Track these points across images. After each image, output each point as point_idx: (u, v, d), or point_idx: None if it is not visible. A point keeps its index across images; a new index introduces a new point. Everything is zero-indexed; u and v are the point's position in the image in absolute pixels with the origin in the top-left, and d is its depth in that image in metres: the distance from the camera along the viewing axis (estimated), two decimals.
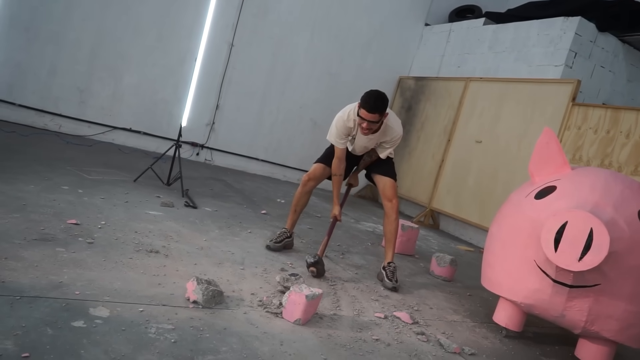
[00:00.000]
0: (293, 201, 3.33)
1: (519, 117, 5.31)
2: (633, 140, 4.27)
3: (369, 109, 2.80)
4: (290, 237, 3.33)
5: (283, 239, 3.26)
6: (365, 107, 2.81)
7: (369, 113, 2.80)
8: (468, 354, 2.34)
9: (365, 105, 2.81)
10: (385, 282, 3.05)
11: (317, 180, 3.27)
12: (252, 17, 6.28)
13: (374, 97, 2.82)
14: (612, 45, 5.47)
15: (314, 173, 3.25)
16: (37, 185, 3.21)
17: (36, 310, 1.70)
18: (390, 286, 3.02)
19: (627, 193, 2.35)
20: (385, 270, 3.10)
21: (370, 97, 2.82)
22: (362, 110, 2.82)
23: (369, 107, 2.80)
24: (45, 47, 5.34)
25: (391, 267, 3.11)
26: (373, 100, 2.81)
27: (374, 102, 2.81)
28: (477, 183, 5.63)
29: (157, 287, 2.15)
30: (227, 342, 1.84)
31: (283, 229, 3.33)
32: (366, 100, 2.82)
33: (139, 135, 5.95)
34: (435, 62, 7.03)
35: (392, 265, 3.13)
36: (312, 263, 2.84)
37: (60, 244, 2.34)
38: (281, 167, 6.91)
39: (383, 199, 3.23)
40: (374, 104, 2.80)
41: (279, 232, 3.32)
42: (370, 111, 2.80)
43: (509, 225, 2.64)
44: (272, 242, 3.22)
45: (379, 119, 2.85)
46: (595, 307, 2.27)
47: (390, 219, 3.17)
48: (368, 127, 2.86)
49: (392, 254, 3.17)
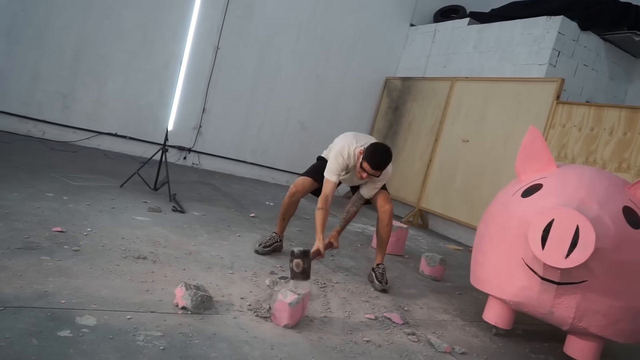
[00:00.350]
0: (281, 210, 3.29)
1: (505, 116, 5.36)
2: (616, 137, 4.33)
3: (375, 166, 2.80)
4: (280, 242, 3.31)
5: (272, 244, 3.24)
6: (371, 163, 2.79)
7: (372, 169, 2.80)
8: (458, 353, 2.35)
9: (371, 162, 2.79)
10: (375, 284, 3.05)
11: (304, 193, 3.24)
12: (237, 20, 6.26)
13: (380, 154, 2.80)
14: (594, 43, 5.55)
15: (302, 185, 3.20)
16: (20, 192, 3.16)
17: (21, 320, 1.66)
18: (379, 288, 3.02)
19: (612, 190, 2.38)
20: (375, 272, 3.10)
21: (376, 153, 2.80)
22: (366, 164, 2.80)
23: (375, 165, 2.80)
24: (27, 53, 5.26)
25: (380, 269, 3.11)
26: (379, 158, 2.80)
27: (380, 160, 2.80)
28: (465, 182, 5.67)
29: (145, 294, 2.13)
30: (217, 347, 1.82)
31: (273, 234, 3.32)
32: (372, 157, 2.79)
33: (124, 140, 5.89)
34: (421, 63, 7.07)
35: (382, 266, 3.13)
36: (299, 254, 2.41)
37: (45, 252, 2.30)
38: (269, 169, 6.89)
39: (375, 204, 3.19)
40: (380, 162, 2.80)
41: (268, 237, 3.30)
42: (375, 168, 2.80)
43: (496, 224, 2.66)
44: (260, 247, 3.19)
45: (380, 174, 2.87)
46: (583, 304, 2.29)
47: (384, 223, 3.13)
48: (368, 177, 2.89)
49: (382, 257, 3.17)
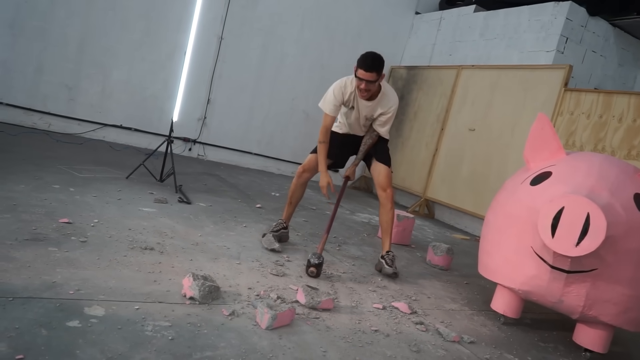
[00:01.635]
0: (289, 193, 3.32)
1: (512, 103, 5.30)
2: (626, 124, 4.28)
3: (367, 68, 2.85)
4: (286, 229, 3.31)
5: (279, 229, 3.24)
6: (363, 66, 2.86)
7: (366, 72, 2.86)
8: (467, 342, 2.34)
9: (363, 65, 2.86)
10: (386, 269, 3.04)
11: (312, 172, 3.25)
12: (241, 9, 6.22)
13: (370, 56, 2.88)
14: (602, 29, 5.46)
15: (309, 164, 3.23)
16: (27, 184, 3.16)
17: (30, 311, 1.67)
18: (390, 272, 3.01)
19: (623, 177, 2.35)
20: (385, 258, 3.10)
21: (367, 57, 2.88)
22: (360, 70, 2.88)
23: (367, 66, 2.85)
24: (31, 45, 5.25)
25: (390, 255, 3.11)
26: (370, 60, 2.86)
27: (371, 61, 2.86)
28: (471, 171, 5.63)
29: (153, 284, 2.13)
30: (225, 337, 1.82)
31: (279, 220, 3.33)
32: (363, 61, 2.87)
33: (130, 132, 5.89)
34: (427, 51, 7.00)
35: (391, 253, 3.13)
36: (316, 264, 2.71)
37: (52, 243, 2.30)
38: (275, 160, 6.88)
39: (377, 188, 3.21)
40: (371, 62, 2.86)
41: (275, 223, 3.32)
42: (367, 70, 2.85)
43: (505, 213, 2.63)
44: (269, 232, 3.19)
45: (376, 78, 2.90)
46: (593, 292, 2.27)
47: (386, 208, 3.16)
48: (366, 87, 2.91)
49: (389, 243, 3.17)
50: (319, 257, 2.75)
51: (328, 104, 3.09)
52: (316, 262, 2.73)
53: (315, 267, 2.72)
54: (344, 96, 3.07)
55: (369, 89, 2.94)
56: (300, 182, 3.26)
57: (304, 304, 2.27)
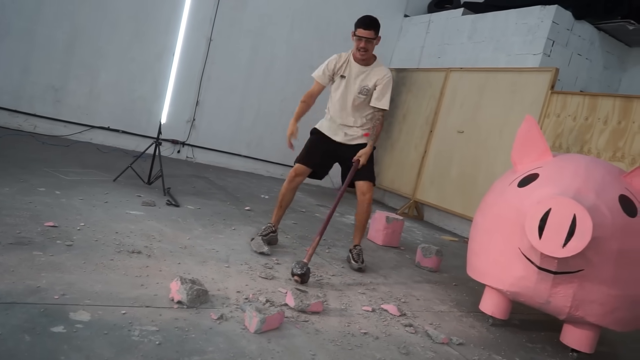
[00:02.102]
0: (279, 196, 3.31)
1: (500, 106, 5.34)
2: (611, 126, 4.33)
3: (365, 25, 3.04)
4: (275, 232, 3.30)
5: (268, 233, 3.23)
6: (362, 25, 3.05)
7: (364, 30, 3.04)
8: (456, 343, 2.35)
9: (362, 24, 3.06)
10: (352, 264, 3.20)
11: (304, 176, 3.28)
12: (230, 10, 6.19)
13: (368, 16, 3.09)
14: (588, 33, 5.53)
15: (299, 169, 3.25)
16: (11, 187, 3.11)
17: (13, 316, 1.64)
18: (356, 267, 3.18)
19: (608, 178, 2.37)
20: (352, 252, 3.25)
21: (365, 17, 3.09)
22: (359, 29, 3.06)
23: (365, 25, 3.04)
24: (17, 45, 5.18)
25: (357, 250, 3.26)
26: (369, 19, 3.07)
27: (369, 20, 3.06)
28: (460, 173, 5.66)
29: (140, 289, 2.10)
30: (213, 341, 1.80)
31: (268, 224, 3.31)
32: (361, 20, 3.08)
33: (117, 134, 5.84)
34: (416, 53, 7.04)
35: (358, 247, 3.27)
36: (299, 274, 2.64)
37: (37, 247, 2.27)
38: (264, 162, 6.86)
39: (358, 192, 3.26)
40: (369, 21, 3.06)
41: (264, 227, 3.31)
42: (366, 28, 3.04)
43: (493, 214, 2.65)
44: (257, 236, 3.21)
45: (374, 36, 3.06)
46: (580, 293, 2.29)
47: (363, 208, 3.25)
48: (365, 45, 3.06)
49: (359, 238, 3.31)
50: (302, 267, 2.66)
51: (318, 71, 3.29)
52: (299, 272, 2.64)
53: (299, 276, 2.64)
54: (336, 65, 3.22)
55: (367, 48, 3.08)
56: (292, 186, 3.27)
57: (293, 307, 2.26)
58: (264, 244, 3.09)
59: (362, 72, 3.17)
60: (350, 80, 3.19)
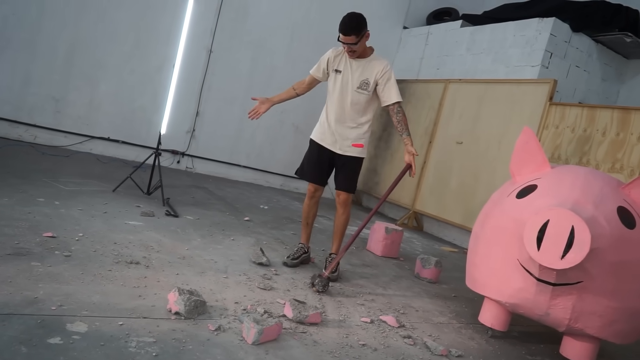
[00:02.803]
0: (303, 215, 3.28)
1: (498, 117, 5.37)
2: (609, 138, 4.34)
3: (344, 31, 2.89)
4: (307, 252, 3.28)
5: (300, 255, 3.20)
6: (341, 31, 2.90)
7: (344, 36, 2.89)
8: (455, 355, 2.33)
9: (341, 29, 2.90)
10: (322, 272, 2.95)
11: (322, 190, 3.27)
12: (230, 22, 6.24)
13: (347, 20, 2.89)
14: (586, 45, 5.57)
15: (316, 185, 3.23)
16: (11, 198, 3.12)
17: (9, 328, 1.63)
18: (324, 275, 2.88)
19: (607, 190, 2.38)
20: (327, 260, 3.19)
21: (343, 20, 2.90)
22: (340, 35, 2.91)
23: (344, 31, 2.89)
24: (18, 56, 5.22)
25: (330, 258, 3.19)
26: (347, 24, 2.87)
27: (348, 26, 2.87)
28: (459, 184, 5.66)
29: (138, 299, 2.10)
30: (210, 353, 1.79)
31: (300, 245, 3.29)
32: (341, 26, 2.90)
33: (117, 144, 5.85)
34: (415, 65, 7.08)
35: (332, 255, 3.20)
36: (320, 291, 2.77)
37: (35, 258, 2.27)
38: (264, 173, 6.87)
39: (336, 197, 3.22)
40: (347, 27, 2.87)
41: (296, 249, 3.26)
42: (345, 34, 2.88)
43: (491, 225, 2.65)
44: (289, 259, 3.14)
45: (356, 41, 2.91)
46: (579, 305, 2.28)
47: (338, 212, 3.21)
48: (349, 49, 2.96)
49: (336, 246, 3.23)
50: (324, 286, 2.79)
51: (315, 65, 3.23)
52: (320, 289, 2.77)
53: (319, 292, 2.78)
54: (330, 58, 3.13)
55: (354, 49, 2.97)
56: (314, 201, 3.25)
57: (291, 319, 2.25)
58: (263, 254, 3.08)
59: (359, 65, 3.05)
60: (346, 76, 3.06)
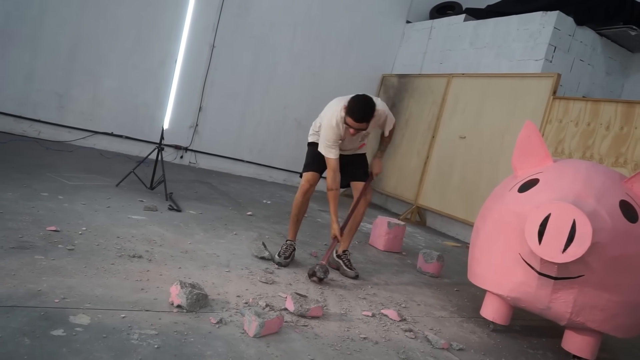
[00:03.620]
0: (293, 211, 3.17)
1: (502, 111, 5.35)
2: (613, 132, 4.33)
3: (357, 119, 2.76)
4: (295, 249, 3.18)
5: (291, 253, 3.10)
6: (353, 116, 2.76)
7: (356, 122, 2.77)
8: (456, 349, 2.34)
9: (353, 115, 2.75)
10: (347, 272, 3.12)
11: (316, 183, 3.19)
12: (232, 17, 6.24)
13: (361, 105, 2.76)
14: (590, 38, 5.53)
15: (313, 179, 3.13)
16: (15, 192, 3.14)
17: (13, 320, 1.65)
18: (353, 275, 3.10)
19: (609, 184, 2.37)
20: (342, 259, 3.18)
21: (357, 105, 2.76)
22: (349, 119, 2.77)
23: (357, 118, 2.76)
24: (21, 52, 5.23)
25: (347, 255, 3.20)
26: (362, 110, 2.75)
27: (362, 112, 2.75)
28: (462, 179, 5.66)
29: (140, 293, 2.11)
30: (212, 345, 1.81)
31: (288, 242, 3.16)
32: (353, 110, 2.75)
33: (120, 140, 5.87)
34: (418, 59, 7.06)
35: (348, 253, 3.23)
36: (321, 278, 2.82)
37: (39, 251, 2.29)
38: (267, 168, 6.88)
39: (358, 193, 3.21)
40: (362, 114, 2.75)
41: (284, 247, 3.11)
42: (358, 121, 2.77)
43: (493, 220, 2.65)
44: (282, 259, 3.02)
45: (366, 127, 2.83)
46: (580, 298, 2.28)
47: (359, 211, 3.20)
48: (355, 132, 2.85)
49: (349, 243, 3.27)
50: (325, 272, 2.83)
51: (330, 150, 2.94)
52: (322, 276, 2.82)
53: (320, 280, 2.83)
54: (338, 137, 2.93)
55: (359, 132, 2.87)
56: (306, 198, 3.16)
57: (292, 312, 2.26)
58: (265, 248, 3.07)
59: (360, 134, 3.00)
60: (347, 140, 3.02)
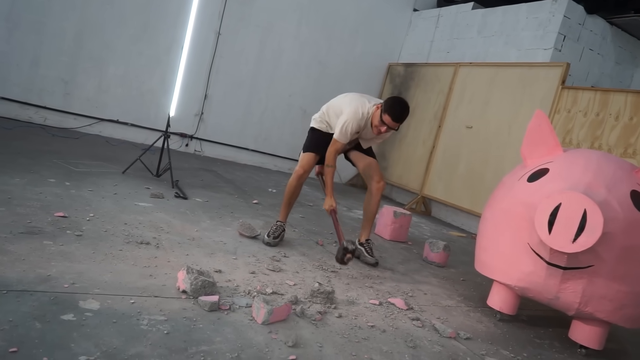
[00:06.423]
0: (286, 194, 3.23)
1: (509, 101, 5.30)
2: (622, 122, 4.28)
3: (396, 119, 2.87)
4: (285, 230, 3.26)
5: (280, 233, 3.15)
6: (393, 116, 2.86)
7: (394, 122, 2.88)
8: (463, 338, 2.34)
9: (393, 114, 2.86)
10: (368, 258, 3.19)
11: (310, 171, 3.25)
12: (238, 5, 6.19)
13: (403, 107, 2.88)
14: (600, 27, 5.46)
15: (309, 164, 3.19)
16: (22, 178, 3.14)
17: (24, 304, 1.65)
18: (372, 262, 3.18)
19: (620, 174, 2.35)
20: (364, 246, 3.24)
21: (400, 106, 2.88)
22: (388, 117, 2.87)
23: (397, 118, 2.87)
24: (27, 38, 5.21)
25: (369, 244, 3.26)
26: (402, 111, 2.87)
27: (402, 113, 2.88)
28: (468, 169, 5.63)
29: (149, 279, 2.12)
30: (221, 332, 1.81)
31: (278, 223, 3.21)
32: (394, 109, 2.86)
33: (126, 127, 5.87)
34: (425, 48, 6.99)
35: (370, 242, 3.28)
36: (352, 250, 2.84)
37: (47, 237, 2.29)
38: (272, 156, 6.87)
39: (371, 180, 3.23)
40: (402, 115, 2.88)
41: (274, 227, 3.16)
42: (396, 121, 2.88)
43: (502, 209, 2.63)
44: (271, 239, 3.07)
45: (398, 127, 2.96)
46: (589, 289, 2.27)
47: (375, 199, 3.24)
48: (387, 131, 2.96)
49: (369, 232, 3.30)
50: (354, 243, 2.88)
51: (343, 136, 3.01)
52: (352, 247, 2.84)
53: (351, 253, 2.84)
54: (359, 128, 3.04)
55: (386, 132, 2.98)
56: (301, 182, 3.21)
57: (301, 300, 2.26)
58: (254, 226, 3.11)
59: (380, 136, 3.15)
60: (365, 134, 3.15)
